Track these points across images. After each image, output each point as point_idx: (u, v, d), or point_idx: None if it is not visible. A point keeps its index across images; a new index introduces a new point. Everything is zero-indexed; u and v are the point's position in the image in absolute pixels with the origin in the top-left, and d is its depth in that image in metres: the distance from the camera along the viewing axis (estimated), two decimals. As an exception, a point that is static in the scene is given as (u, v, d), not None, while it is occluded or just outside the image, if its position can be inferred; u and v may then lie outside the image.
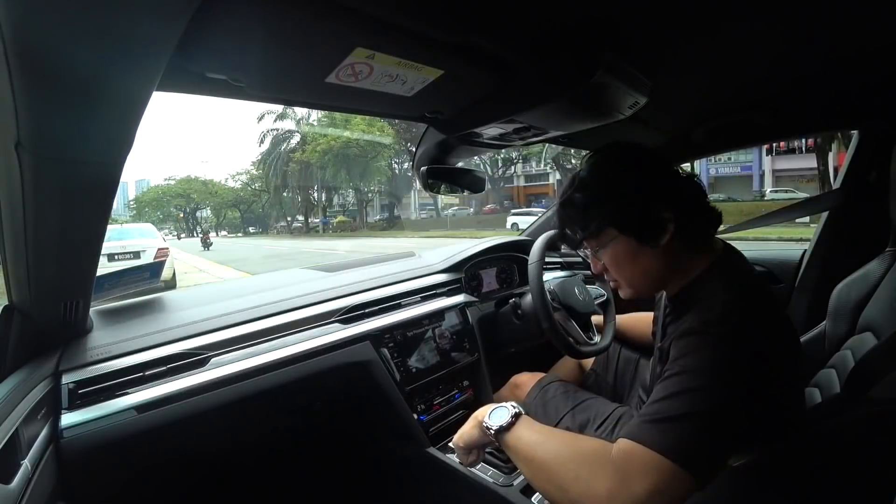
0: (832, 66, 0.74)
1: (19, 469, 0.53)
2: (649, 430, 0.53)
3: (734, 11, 0.56)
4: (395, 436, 1.06)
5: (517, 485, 0.88)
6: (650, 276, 0.68)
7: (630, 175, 0.65)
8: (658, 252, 0.65)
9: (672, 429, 0.52)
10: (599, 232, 0.66)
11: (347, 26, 0.49)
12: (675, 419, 0.52)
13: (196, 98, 1.77)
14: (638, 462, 0.51)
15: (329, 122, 22.26)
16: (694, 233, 0.65)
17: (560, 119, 0.80)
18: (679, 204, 0.64)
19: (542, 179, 27.79)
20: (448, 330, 1.17)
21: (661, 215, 0.63)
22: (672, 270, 0.67)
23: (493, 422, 0.67)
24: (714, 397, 0.53)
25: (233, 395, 0.79)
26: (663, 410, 0.53)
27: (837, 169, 1.78)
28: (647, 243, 0.64)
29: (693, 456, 0.51)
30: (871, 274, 0.85)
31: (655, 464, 0.50)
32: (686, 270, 0.67)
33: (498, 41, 0.59)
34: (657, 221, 0.63)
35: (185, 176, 34.94)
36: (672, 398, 0.54)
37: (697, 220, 0.66)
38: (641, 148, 0.68)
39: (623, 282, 0.70)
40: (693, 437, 0.51)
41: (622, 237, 0.65)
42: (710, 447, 0.53)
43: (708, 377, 0.54)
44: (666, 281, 0.69)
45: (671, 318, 0.69)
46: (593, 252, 0.70)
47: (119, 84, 0.41)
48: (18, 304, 0.66)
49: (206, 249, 16.07)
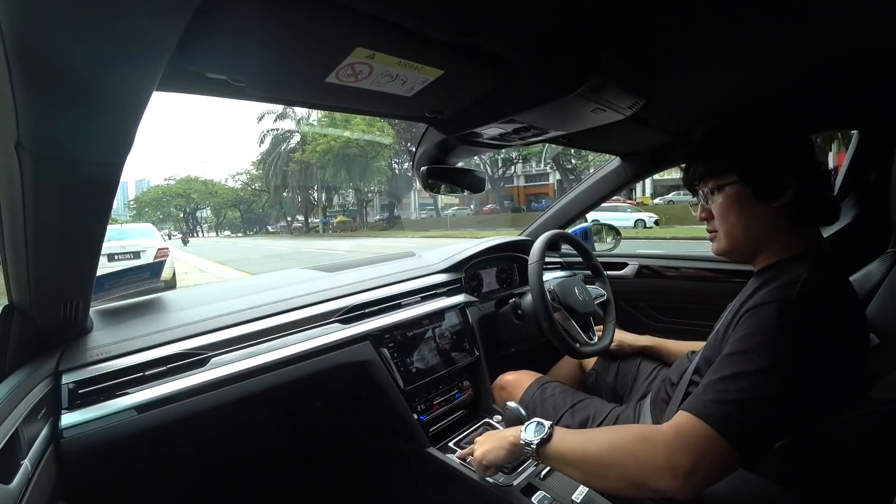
0: (832, 66, 0.74)
1: (19, 469, 0.53)
2: (712, 410, 0.54)
3: (734, 11, 0.56)
4: (395, 436, 1.06)
5: (517, 485, 0.88)
6: (749, 234, 0.69)
7: (770, 132, 0.68)
8: (767, 213, 0.66)
9: (735, 411, 0.53)
10: (721, 173, 0.68)
11: (347, 26, 0.49)
12: (740, 403, 0.54)
13: (196, 98, 1.77)
14: (695, 436, 0.54)
15: (329, 122, 22.27)
16: (806, 212, 0.66)
17: (560, 119, 0.80)
18: (805, 178, 0.65)
19: (542, 179, 27.81)
20: (448, 330, 1.17)
21: (784, 178, 0.64)
22: (771, 238, 0.68)
23: (531, 436, 0.68)
24: (781, 381, 0.54)
25: (233, 395, 0.79)
26: (729, 390, 0.55)
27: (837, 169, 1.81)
28: (761, 199, 0.66)
29: (750, 439, 0.53)
30: (872, 275, 0.85)
31: (711, 441, 0.53)
32: (782, 246, 0.67)
33: (498, 41, 0.59)
34: (779, 182, 0.64)
35: (185, 176, 35.05)
36: (739, 378, 0.55)
37: (814, 203, 0.67)
38: (791, 116, 0.71)
39: (723, 232, 0.71)
40: (754, 421, 0.54)
41: (740, 185, 0.67)
42: (768, 432, 0.55)
43: (777, 357, 0.54)
44: (761, 248, 0.69)
45: (750, 293, 0.67)
46: (705, 195, 0.72)
47: (119, 84, 0.41)
48: (18, 303, 0.66)
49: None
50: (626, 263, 1.60)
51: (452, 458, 0.97)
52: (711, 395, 0.55)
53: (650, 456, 0.55)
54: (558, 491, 0.86)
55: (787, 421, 0.56)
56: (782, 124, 0.70)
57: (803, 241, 0.67)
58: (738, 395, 0.54)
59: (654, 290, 1.55)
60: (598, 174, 1.54)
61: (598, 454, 0.60)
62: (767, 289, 0.62)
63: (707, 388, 0.57)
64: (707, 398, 0.55)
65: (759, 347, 0.55)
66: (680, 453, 0.53)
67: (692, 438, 0.54)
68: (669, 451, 0.54)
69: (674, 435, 0.55)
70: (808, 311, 0.56)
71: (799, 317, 0.56)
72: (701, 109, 0.99)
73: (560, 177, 22.23)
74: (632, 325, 1.47)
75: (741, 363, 0.55)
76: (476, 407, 1.18)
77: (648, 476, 0.55)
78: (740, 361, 0.55)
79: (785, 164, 0.65)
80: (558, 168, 21.49)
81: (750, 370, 0.54)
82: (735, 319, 0.63)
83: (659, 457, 0.54)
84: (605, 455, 0.60)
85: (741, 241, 0.70)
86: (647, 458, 0.55)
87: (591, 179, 1.58)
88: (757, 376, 0.54)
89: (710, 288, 1.44)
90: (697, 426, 0.54)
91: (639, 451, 0.57)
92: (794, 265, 0.64)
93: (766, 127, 0.69)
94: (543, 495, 0.85)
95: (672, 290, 1.52)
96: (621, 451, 0.58)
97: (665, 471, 0.54)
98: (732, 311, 0.67)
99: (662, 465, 0.54)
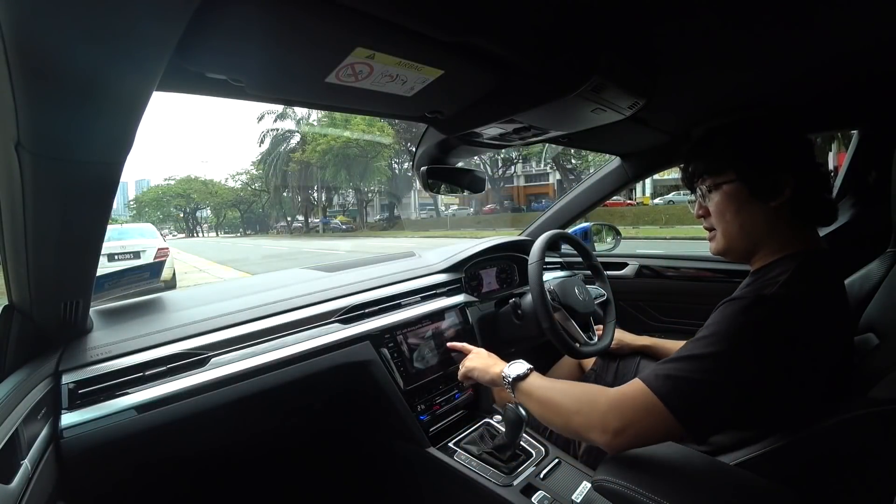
0: (832, 66, 0.74)
1: (19, 469, 0.53)
2: (662, 382, 0.58)
3: (734, 11, 0.56)
4: (396, 436, 1.06)
5: (517, 485, 0.88)
6: (746, 233, 0.69)
7: (770, 131, 0.68)
8: (765, 212, 0.66)
9: (681, 387, 0.57)
10: (720, 170, 0.68)
11: (347, 26, 0.49)
12: (687, 381, 0.57)
13: (196, 98, 1.77)
14: (635, 401, 0.60)
15: (329, 122, 22.27)
16: (804, 212, 0.66)
17: (560, 119, 0.80)
18: (803, 178, 0.65)
19: (542, 179, 27.82)
20: (448, 330, 1.17)
21: (782, 177, 0.64)
22: (768, 237, 0.68)
23: (511, 372, 0.81)
24: (727, 369, 0.56)
25: (233, 395, 0.79)
26: (681, 369, 0.58)
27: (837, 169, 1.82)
28: (759, 198, 0.66)
29: (693, 414, 0.57)
30: (872, 275, 0.85)
31: (652, 409, 0.58)
32: (778, 246, 0.67)
33: (498, 41, 0.59)
34: (777, 181, 0.64)
35: (185, 176, 35.00)
36: (692, 360, 0.58)
37: (812, 202, 0.67)
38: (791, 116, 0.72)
39: (720, 231, 0.71)
40: (697, 399, 0.57)
41: (738, 183, 0.67)
42: (711, 412, 0.58)
43: (731, 346, 0.56)
44: (758, 248, 0.69)
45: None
46: (703, 192, 0.72)
47: (119, 84, 0.41)
48: (18, 303, 0.66)
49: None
50: (626, 263, 1.60)
51: (452, 458, 0.97)
52: (665, 370, 0.60)
53: (591, 410, 0.64)
54: (558, 491, 0.86)
55: (733, 407, 0.58)
56: (782, 123, 0.69)
57: (800, 241, 0.67)
58: (687, 373, 0.58)
59: (653, 290, 1.55)
60: (598, 174, 1.54)
61: (555, 400, 0.71)
62: (751, 286, 0.63)
63: (665, 364, 0.61)
64: (660, 372, 0.60)
65: (716, 334, 0.58)
66: (615, 414, 0.61)
67: (632, 402, 0.60)
68: (606, 411, 0.62)
69: (616, 397, 0.62)
70: (779, 309, 0.57)
71: (767, 313, 0.57)
72: (701, 109, 0.99)
73: (560, 177, 22.23)
74: (632, 325, 1.47)
75: (698, 347, 0.59)
76: (476, 407, 1.18)
77: (583, 426, 0.64)
78: (698, 345, 0.59)
79: (784, 162, 0.65)
80: (558, 168, 21.48)
81: (703, 353, 0.58)
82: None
83: (597, 413, 0.63)
84: (559, 401, 0.70)
85: (738, 239, 0.70)
86: (588, 411, 0.64)
87: (591, 179, 1.58)
88: (707, 360, 0.57)
89: (709, 288, 1.44)
90: (642, 392, 0.59)
91: (583, 405, 0.65)
92: (784, 265, 0.64)
93: (765, 125, 0.69)
94: (543, 495, 0.85)
95: (672, 290, 1.52)
96: (572, 401, 0.67)
97: (596, 426, 0.62)
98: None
99: (595, 421, 0.62)
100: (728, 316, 0.59)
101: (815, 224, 0.69)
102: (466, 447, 1.00)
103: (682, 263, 1.52)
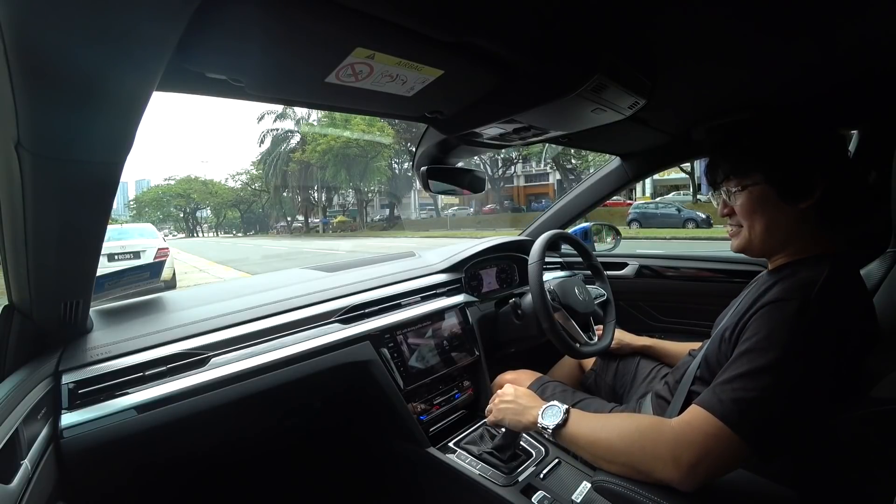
0: (831, 65, 0.74)
1: (19, 469, 0.53)
2: (730, 408, 0.54)
3: (734, 11, 0.56)
4: (395, 436, 1.06)
5: (517, 485, 0.88)
6: (771, 234, 0.66)
7: (798, 128, 0.65)
8: (792, 214, 0.63)
9: (751, 409, 0.54)
10: (746, 172, 0.65)
11: (347, 26, 0.49)
12: (756, 401, 0.54)
13: (196, 98, 1.77)
14: (703, 432, 0.55)
15: (329, 122, 22.26)
16: (834, 213, 0.63)
17: (560, 119, 0.80)
18: (834, 178, 0.61)
19: (542, 179, 27.81)
20: (448, 330, 1.17)
21: (812, 178, 0.61)
22: (794, 238, 0.65)
23: (548, 422, 0.71)
24: (796, 379, 0.54)
25: (233, 395, 0.79)
26: (746, 388, 0.55)
27: None
28: (786, 200, 0.63)
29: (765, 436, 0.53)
30: (872, 275, 0.85)
31: (721, 438, 0.53)
32: (805, 247, 0.65)
33: (498, 41, 0.59)
34: (806, 183, 0.61)
35: (185, 176, 35.01)
36: (755, 375, 0.55)
37: (844, 202, 0.63)
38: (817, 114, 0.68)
39: (745, 229, 0.68)
40: (770, 419, 0.54)
41: (765, 185, 0.64)
42: (783, 429, 0.55)
43: (794, 355, 0.54)
44: (782, 247, 0.67)
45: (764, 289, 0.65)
46: (729, 191, 0.69)
47: (119, 84, 0.41)
48: (18, 303, 0.66)
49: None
50: (626, 263, 1.61)
51: (453, 458, 0.97)
52: (729, 392, 0.55)
53: (656, 446, 0.57)
54: (558, 491, 0.86)
55: (801, 418, 0.55)
56: (810, 118, 0.66)
57: (827, 244, 0.65)
58: (755, 392, 0.54)
59: (653, 290, 1.55)
60: (598, 174, 1.54)
61: (609, 440, 0.63)
62: (784, 286, 0.60)
63: (723, 385, 0.57)
64: (724, 396, 0.55)
65: (775, 344, 0.55)
66: (685, 447, 0.55)
67: (700, 434, 0.55)
68: (674, 444, 0.56)
69: (682, 429, 0.57)
70: (825, 313, 0.56)
71: (816, 317, 0.55)
72: (701, 109, 0.99)
73: (560, 177, 22.22)
74: (632, 325, 1.47)
75: (757, 359, 0.55)
76: (476, 407, 1.18)
77: (652, 465, 0.57)
78: (756, 358, 0.55)
79: (814, 162, 0.61)
80: (558, 168, 21.48)
81: (766, 366, 0.54)
82: (747, 315, 0.62)
83: (664, 447, 0.57)
84: (614, 441, 0.62)
85: (763, 239, 0.67)
86: (652, 448, 0.58)
87: (591, 179, 1.58)
88: (773, 373, 0.54)
89: (709, 288, 1.44)
90: (709, 422, 0.55)
91: (646, 441, 0.59)
92: (813, 265, 0.62)
93: (793, 121, 0.66)
94: (543, 495, 0.85)
95: (672, 290, 1.52)
96: (629, 439, 0.61)
97: (668, 462, 0.56)
98: (742, 308, 0.66)
99: (666, 456, 0.56)
100: (778, 322, 0.56)
101: (847, 224, 0.66)
102: (466, 447, 1.00)
103: (682, 263, 1.52)
